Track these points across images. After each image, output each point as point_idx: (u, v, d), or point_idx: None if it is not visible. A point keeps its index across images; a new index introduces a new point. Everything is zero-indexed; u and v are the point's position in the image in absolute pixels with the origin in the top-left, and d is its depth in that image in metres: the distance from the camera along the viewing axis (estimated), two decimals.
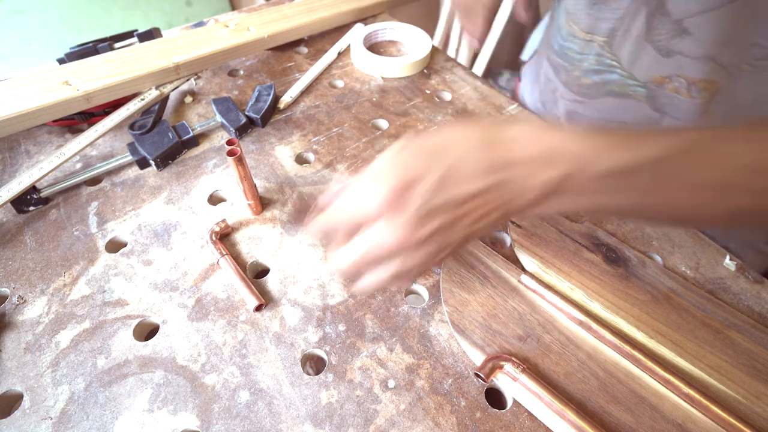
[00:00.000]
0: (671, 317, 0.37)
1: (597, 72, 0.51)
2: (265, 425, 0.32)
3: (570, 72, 0.55)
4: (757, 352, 0.35)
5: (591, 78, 0.52)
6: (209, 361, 0.35)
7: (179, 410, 0.33)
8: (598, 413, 0.32)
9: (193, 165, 0.50)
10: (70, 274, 0.40)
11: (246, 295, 0.38)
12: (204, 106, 0.57)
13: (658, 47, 0.44)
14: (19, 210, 0.44)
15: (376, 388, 0.34)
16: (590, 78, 0.52)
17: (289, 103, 0.57)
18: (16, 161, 0.49)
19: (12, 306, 0.38)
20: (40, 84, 0.48)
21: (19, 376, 0.34)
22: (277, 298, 0.39)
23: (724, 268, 0.42)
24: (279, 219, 0.45)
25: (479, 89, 0.61)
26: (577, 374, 0.34)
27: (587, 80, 0.53)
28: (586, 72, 0.52)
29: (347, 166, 0.50)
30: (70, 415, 0.32)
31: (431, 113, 0.57)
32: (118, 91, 0.50)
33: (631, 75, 0.48)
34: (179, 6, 1.65)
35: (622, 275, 0.40)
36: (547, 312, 0.38)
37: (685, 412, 0.33)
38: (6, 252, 0.41)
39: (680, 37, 0.42)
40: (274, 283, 0.40)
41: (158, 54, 0.53)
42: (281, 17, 0.63)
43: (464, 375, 0.35)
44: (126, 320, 0.37)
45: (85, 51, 0.54)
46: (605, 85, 0.51)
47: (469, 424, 0.32)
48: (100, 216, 0.44)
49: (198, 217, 0.45)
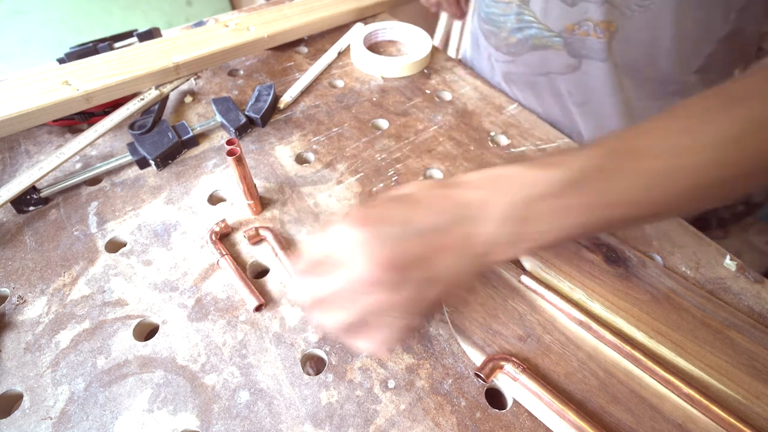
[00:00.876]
0: (671, 317, 0.37)
1: (519, 30, 0.57)
2: (265, 425, 0.32)
3: (497, 34, 0.60)
4: (757, 352, 0.35)
5: (515, 36, 0.58)
6: (209, 361, 0.35)
7: (179, 410, 0.33)
8: (598, 413, 0.32)
9: (193, 165, 0.50)
10: (70, 274, 0.40)
11: (246, 295, 0.38)
12: (204, 106, 0.57)
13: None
14: (19, 210, 0.44)
15: (376, 388, 0.34)
16: (515, 36, 0.58)
17: (289, 103, 0.57)
18: (16, 161, 0.49)
19: (12, 306, 0.38)
20: (40, 84, 0.48)
21: (19, 376, 0.34)
22: (277, 298, 0.39)
23: (724, 268, 0.42)
24: (279, 218, 0.45)
25: (479, 89, 0.61)
26: (577, 374, 0.34)
27: (513, 39, 0.58)
28: (511, 31, 0.58)
29: (347, 166, 0.50)
30: (70, 415, 0.32)
31: (431, 113, 0.57)
32: (118, 91, 0.50)
33: (546, 27, 0.54)
34: (179, 6, 1.65)
35: (622, 275, 0.40)
36: (547, 312, 0.38)
37: (685, 412, 0.33)
38: (6, 252, 0.41)
39: None
40: (274, 283, 0.40)
41: (158, 54, 0.53)
42: (281, 17, 0.63)
43: (464, 375, 0.35)
44: (126, 320, 0.37)
45: (85, 51, 0.54)
46: (527, 40, 0.57)
47: (469, 424, 0.32)
48: (100, 216, 0.44)
49: (198, 217, 0.45)
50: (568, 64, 0.55)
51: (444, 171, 0.50)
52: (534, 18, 0.54)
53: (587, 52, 0.52)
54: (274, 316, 0.38)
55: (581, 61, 0.53)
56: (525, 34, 0.56)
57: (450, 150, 0.52)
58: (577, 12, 0.50)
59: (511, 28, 0.58)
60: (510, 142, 0.54)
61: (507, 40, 0.59)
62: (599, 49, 0.50)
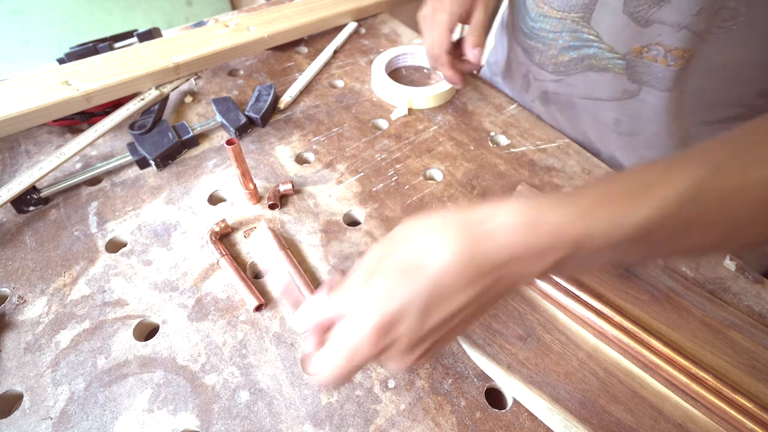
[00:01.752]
0: (671, 317, 0.37)
1: (574, 48, 0.51)
2: (265, 425, 0.32)
3: (544, 52, 0.55)
4: (757, 352, 0.35)
5: (569, 54, 0.52)
6: (209, 361, 0.35)
7: (179, 410, 0.33)
8: (598, 413, 0.32)
9: (193, 165, 0.50)
10: (70, 274, 0.40)
11: (246, 295, 0.38)
12: (204, 106, 0.57)
13: (636, 18, 0.44)
14: (19, 210, 0.44)
15: (376, 388, 0.34)
16: (568, 54, 0.52)
17: (288, 102, 0.57)
18: (16, 161, 0.49)
19: (12, 306, 0.38)
20: (40, 84, 0.48)
21: (19, 376, 0.34)
22: (276, 298, 0.39)
23: (724, 268, 0.42)
24: (279, 219, 0.45)
25: (479, 89, 0.61)
26: (577, 374, 0.34)
27: (564, 57, 0.53)
28: (563, 50, 0.53)
29: (347, 166, 0.50)
30: (70, 415, 0.32)
31: (431, 113, 0.57)
32: (118, 91, 0.50)
33: (610, 48, 0.48)
34: (180, 6, 1.65)
35: (622, 275, 0.40)
36: (547, 312, 0.38)
37: (686, 412, 0.33)
38: (6, 252, 0.41)
39: (658, 6, 0.42)
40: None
41: (158, 54, 0.53)
42: (281, 17, 0.63)
43: (464, 375, 0.35)
44: (126, 320, 0.37)
45: (85, 51, 0.54)
46: (583, 60, 0.51)
47: (469, 424, 0.32)
48: (100, 216, 0.44)
49: (198, 217, 0.45)
50: (626, 89, 0.49)
51: (444, 171, 0.50)
52: (595, 37, 0.48)
53: (650, 79, 0.47)
54: (274, 316, 0.38)
55: (641, 88, 0.48)
56: (581, 54, 0.51)
57: (450, 150, 0.52)
58: (649, 34, 0.44)
59: (564, 47, 0.52)
60: (510, 142, 0.54)
61: (556, 58, 0.54)
62: (665, 77, 0.46)
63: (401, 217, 0.45)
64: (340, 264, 0.41)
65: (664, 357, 0.34)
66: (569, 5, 0.49)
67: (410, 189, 0.48)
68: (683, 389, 0.33)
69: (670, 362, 0.34)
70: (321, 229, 0.44)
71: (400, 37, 0.70)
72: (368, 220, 0.45)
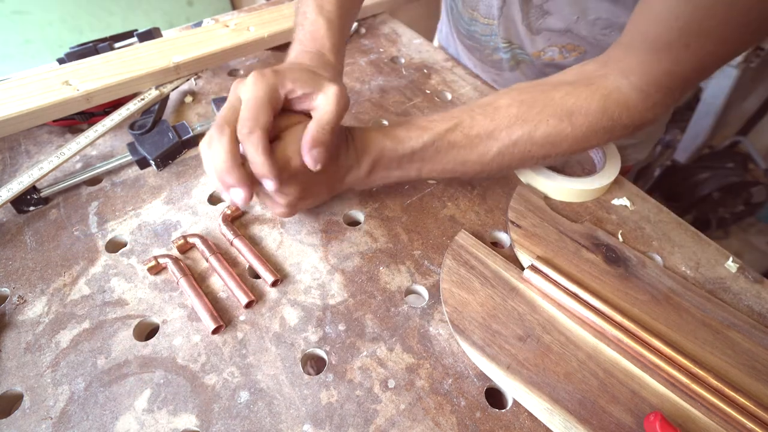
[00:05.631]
0: (671, 317, 0.37)
1: (503, 50, 0.59)
2: (265, 425, 0.32)
3: (482, 51, 0.63)
4: (757, 352, 0.35)
5: (500, 54, 0.60)
6: (209, 361, 0.35)
7: (179, 410, 0.33)
8: (597, 413, 0.32)
9: (194, 165, 0.50)
10: (70, 274, 0.40)
11: (262, 272, 0.39)
12: (204, 106, 0.57)
13: (530, 28, 0.53)
14: (19, 210, 0.44)
15: (376, 388, 0.34)
16: (499, 54, 0.61)
17: None
18: (16, 161, 0.49)
19: (12, 306, 0.38)
20: (40, 84, 0.48)
21: (19, 376, 0.34)
22: (277, 297, 0.39)
23: (723, 268, 0.42)
24: (278, 219, 0.45)
25: (479, 89, 0.61)
26: (577, 374, 0.34)
27: (497, 56, 0.61)
28: (495, 50, 0.61)
29: None
30: (70, 415, 0.32)
31: (431, 113, 0.57)
32: (118, 91, 0.50)
33: (524, 51, 0.57)
34: (180, 6, 1.65)
35: (622, 275, 0.40)
36: (547, 312, 0.38)
37: (686, 412, 0.33)
38: (6, 252, 0.41)
39: (543, 18, 0.51)
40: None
41: (158, 54, 0.53)
42: (281, 17, 0.63)
43: (464, 375, 0.35)
44: (126, 320, 0.37)
45: (85, 51, 0.54)
46: (512, 59, 0.60)
47: (469, 424, 0.32)
48: (100, 216, 0.44)
49: (198, 217, 0.45)
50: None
51: None
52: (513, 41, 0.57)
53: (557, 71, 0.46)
54: (274, 316, 0.38)
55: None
56: (509, 54, 0.59)
57: None
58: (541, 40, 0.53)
59: (495, 47, 0.60)
60: None
61: (492, 56, 0.62)
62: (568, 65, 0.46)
63: (401, 216, 0.45)
64: (339, 264, 0.41)
65: (664, 357, 0.34)
66: (489, 14, 0.57)
67: (410, 189, 0.48)
68: (683, 389, 0.33)
69: (670, 362, 0.34)
70: (321, 229, 0.44)
71: (400, 37, 0.70)
72: (368, 220, 0.45)
